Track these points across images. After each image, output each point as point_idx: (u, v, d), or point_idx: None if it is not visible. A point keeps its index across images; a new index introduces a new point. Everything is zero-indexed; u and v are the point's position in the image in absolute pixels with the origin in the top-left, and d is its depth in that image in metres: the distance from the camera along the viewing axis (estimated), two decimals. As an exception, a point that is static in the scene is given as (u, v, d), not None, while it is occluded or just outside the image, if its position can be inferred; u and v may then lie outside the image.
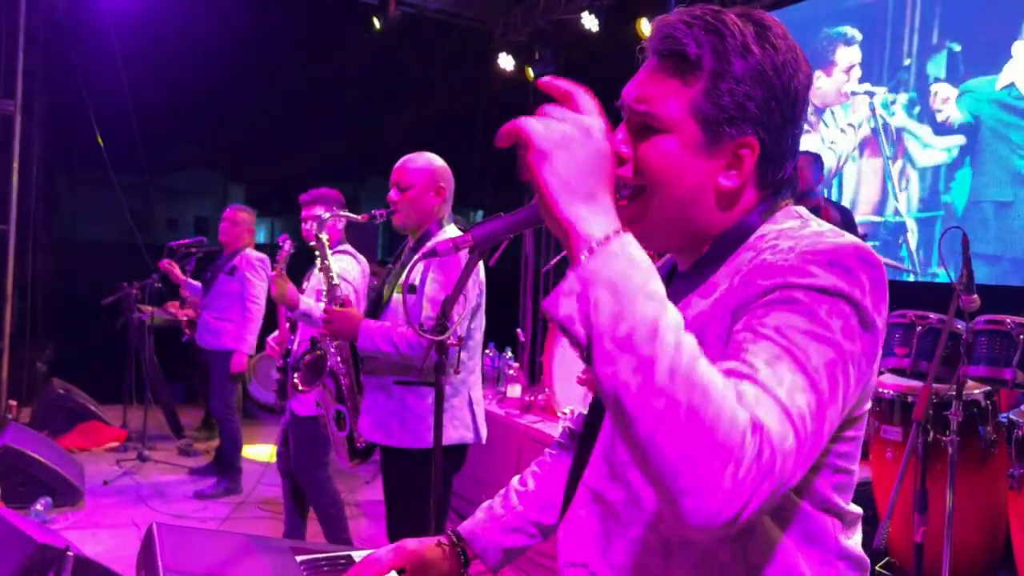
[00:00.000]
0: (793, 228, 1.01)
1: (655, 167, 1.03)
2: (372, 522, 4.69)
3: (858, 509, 1.07)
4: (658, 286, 0.82)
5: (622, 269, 0.80)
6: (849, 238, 0.97)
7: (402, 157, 2.81)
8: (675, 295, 1.07)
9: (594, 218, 0.83)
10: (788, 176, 1.07)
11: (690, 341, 0.80)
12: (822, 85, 6.04)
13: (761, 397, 0.81)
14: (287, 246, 3.24)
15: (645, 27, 7.04)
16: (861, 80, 6.03)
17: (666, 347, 0.77)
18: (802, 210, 1.07)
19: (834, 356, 0.87)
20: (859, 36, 5.79)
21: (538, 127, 0.84)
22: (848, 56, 5.88)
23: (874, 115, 5.87)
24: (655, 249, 1.16)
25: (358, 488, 5.27)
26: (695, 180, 1.03)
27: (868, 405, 1.02)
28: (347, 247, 3.76)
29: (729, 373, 0.84)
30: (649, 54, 1.06)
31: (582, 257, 0.81)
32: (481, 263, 2.54)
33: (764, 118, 1.02)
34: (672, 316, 0.80)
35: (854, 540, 1.07)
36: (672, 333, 0.78)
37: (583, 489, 1.12)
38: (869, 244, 1.04)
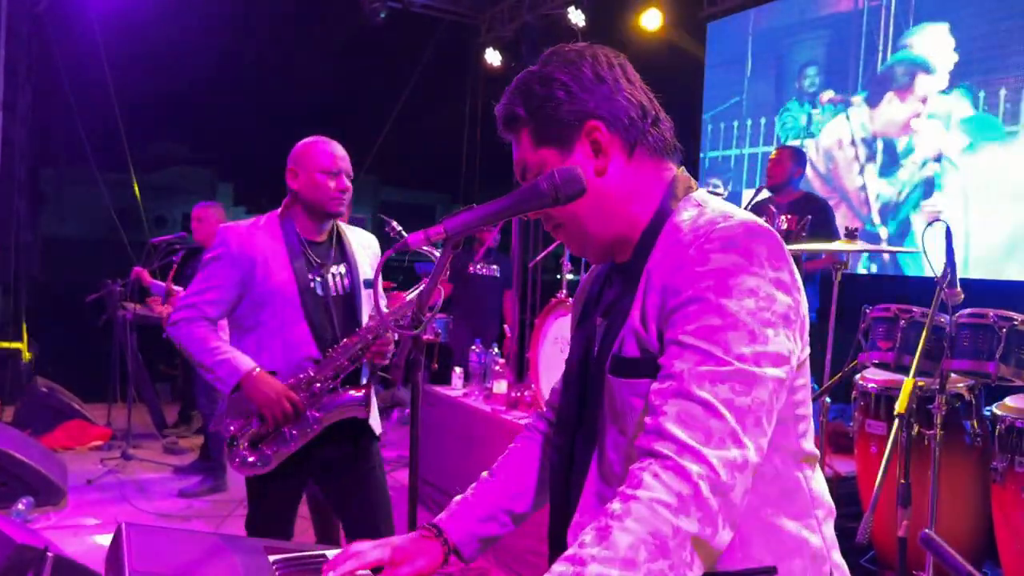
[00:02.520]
0: (692, 218, 1.14)
1: None
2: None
3: (816, 450, 1.20)
4: None
5: None
6: (738, 218, 1.09)
7: (331, 143, 2.66)
8: (616, 287, 1.24)
9: None
10: (667, 141, 1.23)
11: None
12: (890, 111, 5.70)
13: (689, 421, 1.00)
14: None
15: (642, 22, 7.04)
16: (837, 91, 6.03)
17: None
18: (700, 196, 1.20)
19: (758, 331, 1.03)
20: (937, 68, 5.39)
21: None
22: (925, 85, 5.48)
23: (849, 123, 5.88)
24: (597, 262, 1.31)
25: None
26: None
27: (808, 350, 1.15)
28: None
29: (663, 394, 1.04)
30: (507, 138, 1.29)
31: None
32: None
33: (584, 106, 1.19)
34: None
35: (818, 482, 1.20)
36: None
37: (589, 492, 1.19)
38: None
